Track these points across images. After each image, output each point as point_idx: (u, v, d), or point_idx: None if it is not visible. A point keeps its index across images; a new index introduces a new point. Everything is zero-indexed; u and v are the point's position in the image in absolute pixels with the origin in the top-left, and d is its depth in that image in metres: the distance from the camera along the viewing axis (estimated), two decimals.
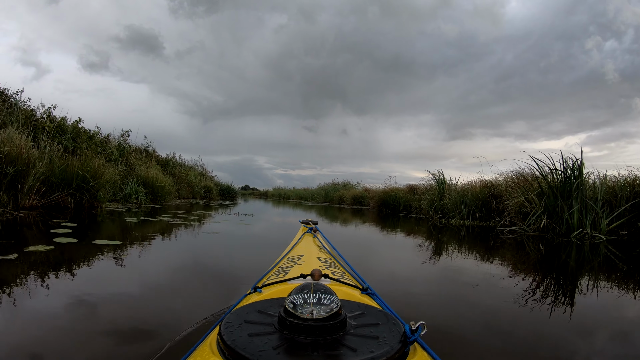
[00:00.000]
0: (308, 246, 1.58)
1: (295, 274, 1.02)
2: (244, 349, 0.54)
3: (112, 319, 1.55)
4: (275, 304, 0.70)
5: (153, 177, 9.95)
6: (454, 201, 8.71)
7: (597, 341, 1.62)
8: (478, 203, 8.42)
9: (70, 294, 1.81)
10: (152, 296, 1.95)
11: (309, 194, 29.97)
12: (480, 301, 2.18)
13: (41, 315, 1.54)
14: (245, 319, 0.64)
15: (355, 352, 0.54)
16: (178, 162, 16.74)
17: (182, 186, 15.21)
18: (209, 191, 18.33)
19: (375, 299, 0.94)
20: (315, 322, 0.58)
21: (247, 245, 4.26)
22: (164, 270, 2.65)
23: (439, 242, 5.43)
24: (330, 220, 9.63)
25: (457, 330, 1.60)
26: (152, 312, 1.68)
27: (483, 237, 5.97)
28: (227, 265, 2.97)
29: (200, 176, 19.36)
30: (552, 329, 1.65)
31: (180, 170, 15.67)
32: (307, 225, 1.99)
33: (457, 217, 8.46)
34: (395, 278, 2.82)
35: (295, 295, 0.61)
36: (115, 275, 2.31)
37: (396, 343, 0.58)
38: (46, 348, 1.25)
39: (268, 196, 39.25)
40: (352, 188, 24.63)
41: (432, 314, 1.84)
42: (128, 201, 8.82)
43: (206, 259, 3.29)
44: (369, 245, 5.09)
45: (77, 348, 1.25)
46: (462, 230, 7.07)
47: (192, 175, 17.55)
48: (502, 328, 1.71)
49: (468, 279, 2.75)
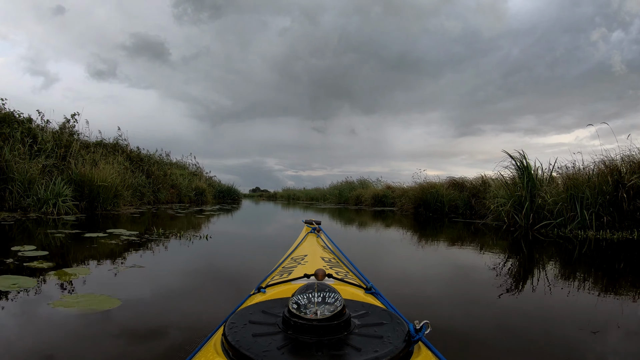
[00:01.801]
0: (311, 246, 1.57)
1: (299, 274, 1.01)
2: (248, 349, 0.53)
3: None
4: (279, 304, 0.70)
5: (93, 175, 6.85)
6: (558, 199, 5.32)
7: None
8: (603, 201, 5.02)
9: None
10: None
11: (321, 195, 26.73)
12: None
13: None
14: (250, 319, 0.64)
15: (360, 351, 0.54)
16: (159, 159, 13.68)
17: (162, 188, 12.18)
18: (201, 193, 15.28)
19: (379, 299, 0.94)
20: (319, 321, 0.57)
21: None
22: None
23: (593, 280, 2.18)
24: (357, 228, 6.40)
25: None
26: None
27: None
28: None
29: (192, 176, 16.34)
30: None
31: (159, 169, 12.62)
32: (310, 225, 1.96)
33: (573, 225, 5.06)
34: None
35: (299, 295, 0.61)
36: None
37: (400, 342, 0.57)
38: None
39: (277, 198, 37.80)
40: (369, 186, 21.29)
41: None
42: (43, 208, 5.77)
43: None
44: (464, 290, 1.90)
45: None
46: (585, 246, 3.90)
47: (179, 175, 14.52)
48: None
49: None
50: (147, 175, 11.56)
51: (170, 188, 13.07)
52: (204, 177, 18.97)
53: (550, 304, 2.01)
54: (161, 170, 12.73)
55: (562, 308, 1.95)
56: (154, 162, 12.75)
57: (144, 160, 11.74)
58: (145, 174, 11.52)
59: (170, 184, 13.15)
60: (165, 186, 12.57)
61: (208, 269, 2.89)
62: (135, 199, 10.19)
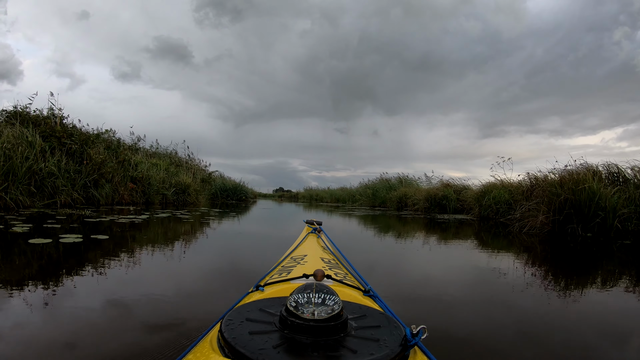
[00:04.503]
0: (312, 246, 1.56)
1: (298, 273, 1.00)
2: (244, 347, 0.53)
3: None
4: (277, 303, 0.69)
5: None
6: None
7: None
8: None
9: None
10: None
11: (348, 195, 22.01)
12: None
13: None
14: (247, 316, 0.64)
15: (356, 353, 0.53)
16: (110, 138, 9.40)
17: (107, 181, 7.89)
18: (183, 191, 10.93)
19: (377, 302, 0.92)
20: (316, 322, 0.57)
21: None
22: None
23: None
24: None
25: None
26: None
27: None
28: None
29: (176, 168, 12.06)
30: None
31: (110, 154, 8.34)
32: (311, 225, 1.94)
33: None
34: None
35: (297, 295, 0.60)
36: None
37: (396, 346, 0.57)
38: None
39: (299, 198, 34.68)
40: (414, 184, 16.32)
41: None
42: None
43: None
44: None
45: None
46: None
47: (152, 165, 10.26)
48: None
49: None
50: (80, 160, 7.30)
51: (129, 182, 8.79)
52: (200, 171, 14.72)
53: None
54: (112, 156, 8.44)
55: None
56: (98, 141, 8.46)
57: (74, 136, 7.44)
58: (78, 159, 7.26)
59: (130, 177, 8.88)
60: (118, 179, 8.29)
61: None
62: (38, 197, 5.91)
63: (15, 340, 1.22)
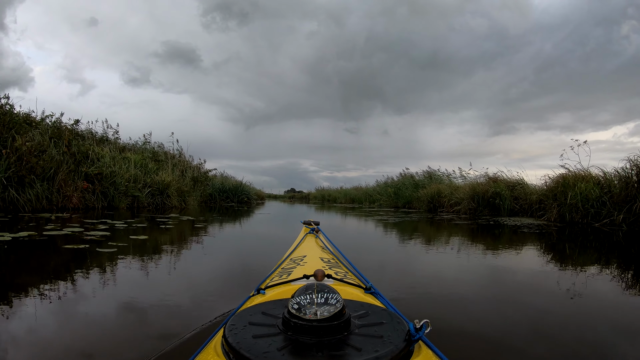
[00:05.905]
0: (310, 247, 1.56)
1: (298, 274, 0.99)
2: (248, 351, 0.52)
3: None
4: (279, 305, 0.69)
5: None
6: None
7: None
8: None
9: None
10: None
11: (364, 195, 19.58)
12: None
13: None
14: (250, 320, 0.63)
15: (360, 351, 0.53)
16: (54, 124, 7.19)
17: (33, 180, 5.70)
18: (162, 192, 8.69)
19: (379, 298, 0.91)
20: (319, 322, 0.56)
21: None
22: None
23: None
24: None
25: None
26: None
27: None
28: None
29: (156, 164, 9.85)
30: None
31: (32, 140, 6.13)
32: (309, 226, 1.92)
33: None
34: None
35: (299, 296, 0.60)
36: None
37: (401, 342, 0.56)
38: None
39: (310, 199, 33.07)
40: (443, 180, 13.77)
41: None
42: None
43: None
44: None
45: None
46: None
47: (120, 159, 8.07)
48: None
49: None
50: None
51: (80, 180, 6.59)
52: (192, 169, 12.52)
53: None
54: (60, 146, 6.23)
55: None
56: (41, 126, 6.29)
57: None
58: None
59: (84, 174, 6.69)
60: (63, 176, 6.09)
61: None
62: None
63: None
